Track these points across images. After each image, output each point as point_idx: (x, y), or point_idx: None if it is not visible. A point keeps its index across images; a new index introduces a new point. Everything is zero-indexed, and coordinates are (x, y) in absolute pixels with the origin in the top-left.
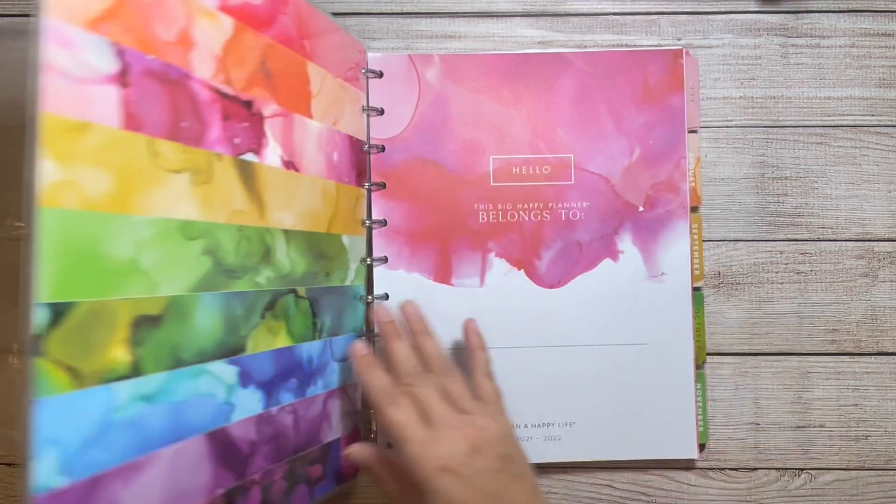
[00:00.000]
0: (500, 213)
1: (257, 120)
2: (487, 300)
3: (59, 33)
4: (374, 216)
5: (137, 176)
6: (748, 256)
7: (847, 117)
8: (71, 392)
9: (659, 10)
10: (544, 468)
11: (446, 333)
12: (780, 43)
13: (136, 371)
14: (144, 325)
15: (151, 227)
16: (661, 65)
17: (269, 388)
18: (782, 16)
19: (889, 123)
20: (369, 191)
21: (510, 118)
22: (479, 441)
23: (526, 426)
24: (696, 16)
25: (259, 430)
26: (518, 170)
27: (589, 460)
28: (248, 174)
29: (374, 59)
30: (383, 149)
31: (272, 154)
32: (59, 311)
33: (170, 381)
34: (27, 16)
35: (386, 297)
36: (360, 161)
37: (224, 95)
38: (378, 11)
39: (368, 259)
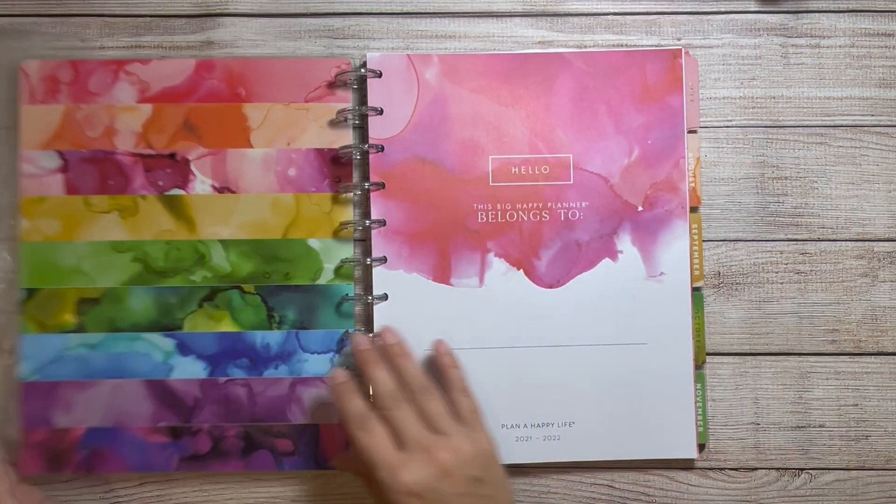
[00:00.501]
0: (500, 212)
1: (182, 164)
2: (487, 300)
3: (27, 155)
4: (374, 216)
5: (77, 219)
6: (748, 256)
7: (847, 117)
8: (40, 334)
9: (659, 10)
10: (544, 468)
11: (445, 334)
12: (780, 43)
13: (81, 329)
14: (86, 303)
15: (88, 247)
16: (659, 64)
17: (214, 361)
18: (782, 16)
19: (889, 123)
20: (367, 191)
21: (509, 118)
22: (450, 464)
23: (525, 426)
24: (696, 16)
25: (204, 391)
26: (517, 170)
27: (588, 460)
28: (173, 204)
29: (372, 58)
30: (382, 149)
31: (201, 185)
32: (31, 292)
33: (108, 339)
34: (28, 16)
35: (385, 297)
36: (335, 169)
37: (146, 156)
38: (378, 11)
39: (367, 259)
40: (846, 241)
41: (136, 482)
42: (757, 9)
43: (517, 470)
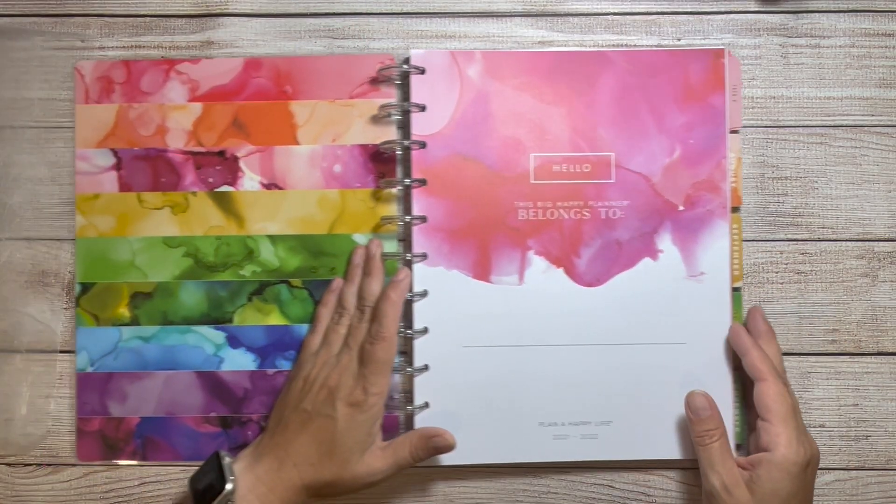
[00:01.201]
0: (540, 210)
1: (231, 161)
2: (526, 298)
3: (82, 153)
4: (415, 212)
5: (130, 215)
6: (748, 256)
7: (847, 117)
8: (95, 327)
9: (659, 10)
10: (544, 468)
11: (484, 331)
12: (780, 43)
13: (135, 322)
14: (139, 297)
15: (141, 242)
16: (702, 64)
17: (263, 353)
18: (782, 16)
19: (889, 123)
20: (408, 187)
21: (551, 116)
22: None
23: (563, 424)
24: (696, 16)
25: (254, 382)
26: (558, 168)
27: (625, 459)
28: (223, 200)
29: (416, 55)
30: (424, 145)
31: (249, 182)
32: (86, 287)
33: (161, 332)
34: (28, 16)
35: (425, 293)
36: (379, 164)
37: (196, 153)
38: (378, 11)
39: (408, 255)
40: (846, 241)
41: (136, 482)
42: (757, 9)
43: (518, 469)
